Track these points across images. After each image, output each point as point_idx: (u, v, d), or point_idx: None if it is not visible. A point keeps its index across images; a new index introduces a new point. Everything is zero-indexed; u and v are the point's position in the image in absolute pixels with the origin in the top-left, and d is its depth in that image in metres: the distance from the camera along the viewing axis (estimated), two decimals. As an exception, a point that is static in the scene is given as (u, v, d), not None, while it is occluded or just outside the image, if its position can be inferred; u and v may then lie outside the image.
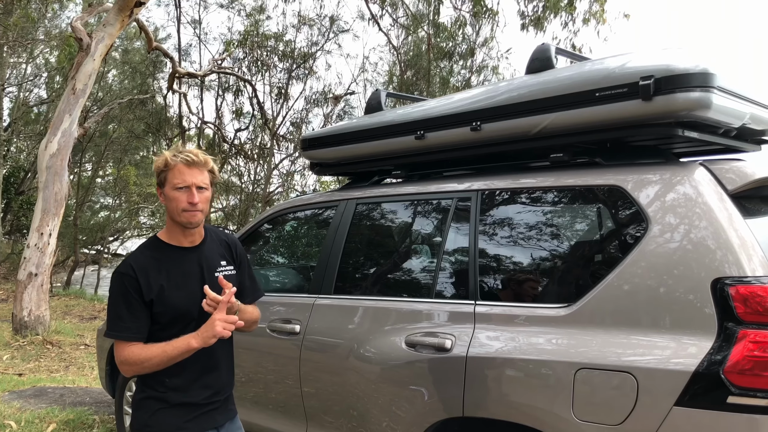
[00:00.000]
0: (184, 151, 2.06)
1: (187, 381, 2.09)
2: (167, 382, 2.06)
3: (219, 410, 2.19)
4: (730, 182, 2.13)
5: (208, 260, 2.15)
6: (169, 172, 2.03)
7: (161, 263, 2.06)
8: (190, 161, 2.03)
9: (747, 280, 1.92)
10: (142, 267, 2.03)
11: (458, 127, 2.76)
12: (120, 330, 2.00)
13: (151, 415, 2.07)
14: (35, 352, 7.72)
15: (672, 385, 1.93)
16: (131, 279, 2.00)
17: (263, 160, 18.97)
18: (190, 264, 2.11)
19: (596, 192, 2.37)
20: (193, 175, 2.03)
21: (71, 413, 4.87)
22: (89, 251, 23.96)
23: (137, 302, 2.00)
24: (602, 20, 11.23)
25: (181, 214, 2.03)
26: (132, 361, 1.98)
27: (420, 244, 2.98)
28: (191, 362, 2.05)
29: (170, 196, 2.03)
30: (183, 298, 2.05)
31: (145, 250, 2.11)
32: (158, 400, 2.07)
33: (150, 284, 2.02)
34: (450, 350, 2.44)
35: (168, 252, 2.10)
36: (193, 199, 2.02)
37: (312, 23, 17.43)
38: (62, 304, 12.88)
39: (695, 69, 2.15)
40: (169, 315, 2.03)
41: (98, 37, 8.80)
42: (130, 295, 2.00)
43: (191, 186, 2.02)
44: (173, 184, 2.02)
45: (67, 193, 8.81)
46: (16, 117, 19.35)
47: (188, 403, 2.09)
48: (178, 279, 2.06)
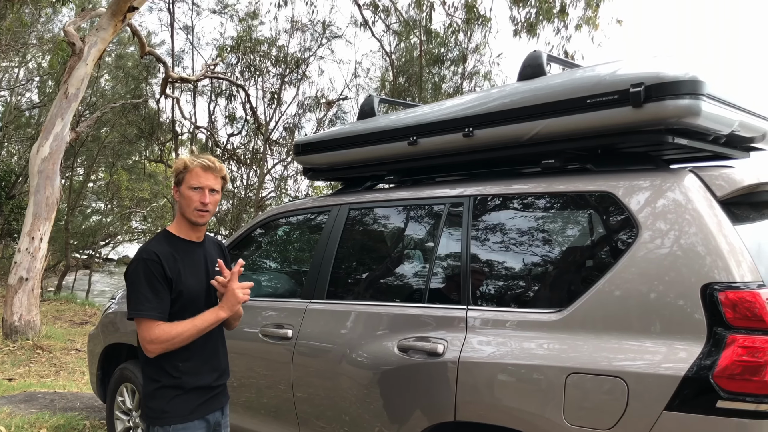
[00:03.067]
0: (202, 156, 2.32)
1: (198, 364, 2.30)
2: (181, 366, 2.25)
3: (223, 392, 2.44)
4: (719, 189, 2.16)
5: (209, 255, 2.41)
6: (188, 173, 2.28)
7: (176, 252, 2.29)
8: (207, 166, 2.29)
9: (736, 285, 1.94)
10: (163, 253, 2.24)
11: (451, 133, 2.78)
12: (148, 309, 2.17)
13: (168, 401, 2.24)
14: (25, 357, 7.67)
15: (662, 389, 1.94)
16: (156, 264, 2.20)
17: (256, 165, 18.95)
18: (197, 256, 2.36)
19: (587, 198, 2.39)
20: (207, 178, 2.29)
21: (62, 418, 4.84)
22: (80, 256, 23.84)
23: (161, 285, 2.20)
24: (595, 26, 11.30)
25: (193, 212, 2.28)
26: (164, 338, 2.16)
27: (412, 249, 2.99)
28: (199, 346, 2.28)
29: (185, 195, 2.28)
30: (196, 283, 2.30)
31: (162, 240, 2.32)
32: (174, 388, 2.25)
33: (171, 268, 2.23)
34: (442, 355, 2.45)
35: (180, 244, 2.33)
36: (204, 200, 2.27)
37: (305, 28, 17.47)
38: (53, 309, 12.81)
39: (685, 77, 2.17)
40: (184, 298, 2.25)
41: (91, 41, 8.78)
42: (155, 278, 2.19)
43: (205, 188, 2.27)
44: (190, 184, 2.27)
45: (58, 198, 8.78)
46: (8, 121, 19.25)
47: (201, 386, 2.30)
48: (191, 267, 2.31)
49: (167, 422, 2.23)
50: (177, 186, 2.33)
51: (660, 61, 2.35)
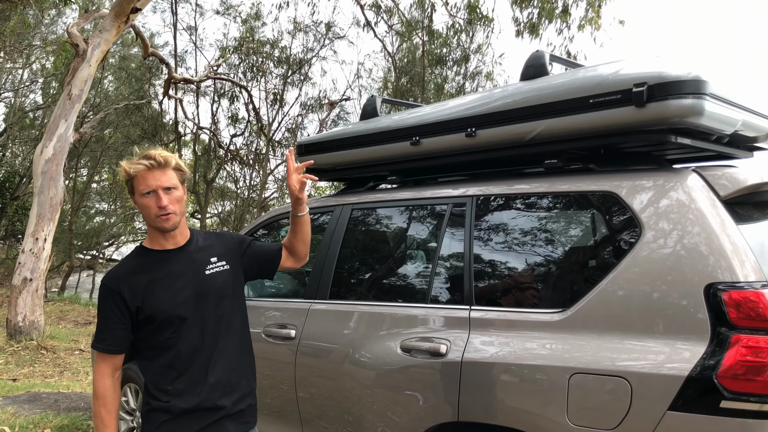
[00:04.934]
0: (142, 155, 2.02)
1: (191, 383, 2.01)
2: (170, 389, 2.01)
3: (232, 417, 2.09)
4: (722, 188, 2.15)
5: (195, 260, 2.11)
6: (134, 180, 2.00)
7: (145, 268, 2.04)
8: (150, 165, 1.99)
9: (740, 285, 1.94)
10: (125, 276, 2.02)
11: (453, 133, 2.78)
12: (97, 341, 2.01)
13: (156, 427, 2.01)
14: (29, 358, 7.69)
15: (666, 389, 1.94)
16: (112, 291, 1.99)
17: (259, 165, 18.97)
18: (175, 265, 2.07)
19: (590, 198, 2.39)
20: (156, 178, 1.98)
21: (65, 419, 4.85)
22: (84, 256, 23.87)
23: (115, 314, 1.99)
24: (597, 26, 11.29)
25: (155, 219, 2.00)
26: (96, 392, 1.98)
27: (415, 249, 2.99)
28: (184, 360, 2.01)
29: (141, 204, 2.01)
30: (169, 300, 2.01)
31: (130, 259, 2.10)
32: (162, 411, 2.01)
33: (134, 291, 1.99)
34: (445, 355, 2.45)
35: (152, 257, 2.07)
36: (161, 203, 1.98)
37: (307, 29, 17.49)
38: (57, 310, 12.83)
39: (687, 76, 2.17)
40: (158, 318, 1.99)
41: (94, 42, 8.80)
42: (108, 308, 1.99)
43: (157, 189, 1.98)
44: (140, 191, 2.00)
45: (62, 198, 8.80)
46: (12, 122, 19.29)
47: (197, 409, 2.01)
48: (164, 281, 2.03)
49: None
50: (132, 195, 2.06)
51: (663, 60, 2.34)
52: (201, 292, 2.06)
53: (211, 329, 2.07)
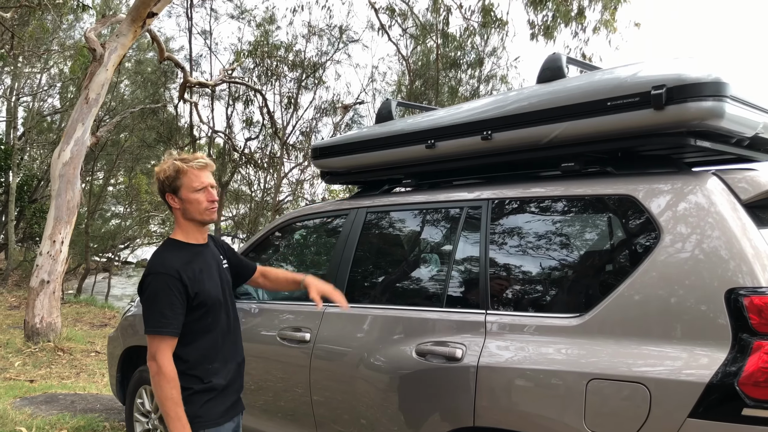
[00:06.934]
0: (189, 156, 2.28)
1: (222, 363, 2.30)
2: (210, 368, 2.25)
3: (240, 396, 2.44)
4: (743, 192, 2.12)
5: (215, 256, 2.42)
6: (185, 177, 2.24)
7: (192, 258, 2.27)
8: (203, 165, 2.27)
9: (762, 290, 1.90)
10: (182, 265, 2.20)
11: (469, 136, 2.76)
12: (164, 326, 2.14)
13: (200, 407, 2.22)
14: (46, 359, 7.76)
15: (685, 396, 1.91)
16: (175, 279, 2.16)
17: (273, 169, 19.05)
18: (208, 258, 2.35)
19: (607, 201, 2.36)
20: (207, 176, 2.28)
21: (82, 420, 4.89)
22: (100, 259, 24.10)
23: (178, 301, 2.16)
24: (613, 29, 11.23)
25: (204, 212, 2.27)
26: (166, 376, 2.13)
27: (430, 252, 2.98)
28: (219, 341, 2.29)
29: (190, 199, 2.25)
30: (214, 287, 2.29)
31: (173, 250, 2.27)
32: (206, 392, 2.24)
33: (191, 278, 2.20)
34: (461, 360, 2.43)
35: (191, 249, 2.31)
36: (212, 197, 2.28)
37: (322, 33, 17.55)
38: (73, 311, 12.95)
39: (707, 78, 2.14)
40: (208, 304, 2.24)
41: (111, 47, 8.89)
42: (173, 294, 2.15)
43: (208, 186, 2.27)
44: (192, 187, 2.24)
45: (79, 201, 8.88)
46: (30, 126, 19.55)
47: (227, 386, 2.30)
48: (206, 271, 2.29)
49: (200, 427, 2.20)
50: (173, 193, 2.26)
51: (682, 62, 2.31)
52: (224, 281, 2.37)
53: (232, 316, 2.40)
